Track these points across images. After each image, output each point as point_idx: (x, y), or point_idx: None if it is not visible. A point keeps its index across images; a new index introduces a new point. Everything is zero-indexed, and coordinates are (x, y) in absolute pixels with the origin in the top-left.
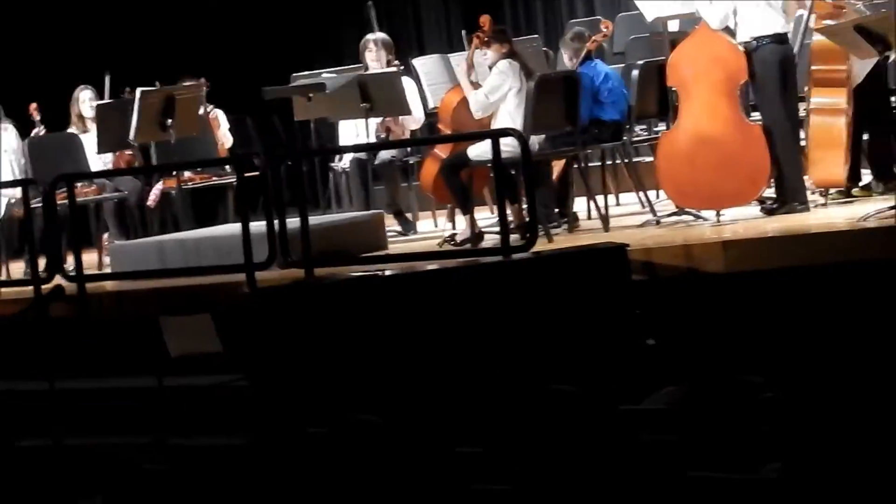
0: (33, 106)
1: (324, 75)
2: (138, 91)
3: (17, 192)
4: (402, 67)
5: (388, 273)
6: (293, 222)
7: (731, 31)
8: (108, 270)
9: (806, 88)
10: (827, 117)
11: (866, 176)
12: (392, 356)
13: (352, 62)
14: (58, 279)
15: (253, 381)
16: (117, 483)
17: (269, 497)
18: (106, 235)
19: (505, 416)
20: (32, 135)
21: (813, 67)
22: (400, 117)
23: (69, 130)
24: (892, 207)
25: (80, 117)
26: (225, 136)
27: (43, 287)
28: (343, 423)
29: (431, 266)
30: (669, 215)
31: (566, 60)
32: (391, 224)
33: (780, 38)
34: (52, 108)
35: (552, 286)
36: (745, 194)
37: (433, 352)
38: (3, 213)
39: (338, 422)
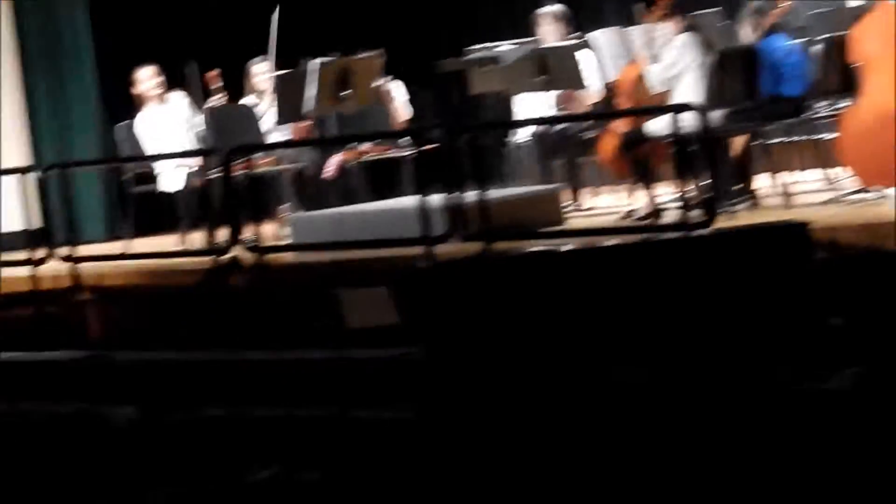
0: (212, 74)
1: (499, 48)
2: (316, 62)
3: (196, 162)
4: (581, 40)
5: (566, 248)
6: (471, 196)
7: None
8: (286, 242)
9: None
10: None
11: None
12: (569, 333)
13: (526, 35)
14: (236, 250)
15: (429, 354)
16: (294, 454)
17: (440, 471)
18: (284, 207)
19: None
20: (211, 103)
21: None
22: (577, 91)
23: (244, 100)
24: None
25: (254, 88)
26: (404, 109)
27: (222, 257)
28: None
29: (610, 242)
30: (852, 193)
31: (747, 34)
32: (567, 199)
33: None
34: (226, 77)
35: (733, 263)
36: None
37: (609, 329)
38: (184, 183)
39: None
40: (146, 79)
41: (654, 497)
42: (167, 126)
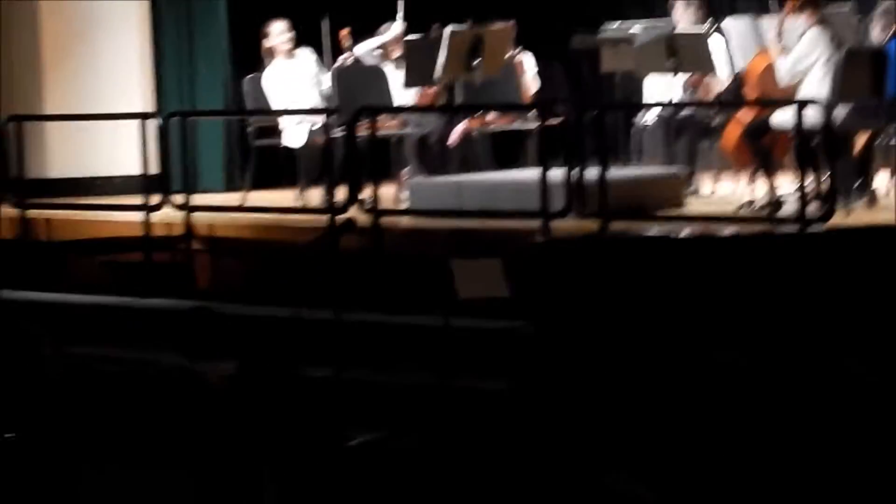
0: (344, 32)
1: (634, 28)
2: (448, 29)
3: (321, 119)
4: (714, 27)
5: (682, 235)
6: (593, 173)
7: None
8: (404, 206)
9: None
10: None
11: None
12: (677, 318)
13: (662, 13)
14: (354, 211)
15: (539, 329)
16: (395, 420)
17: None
18: (405, 171)
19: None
20: (340, 62)
21: None
22: (706, 76)
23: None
24: None
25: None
26: (533, 81)
27: (338, 217)
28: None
29: (727, 231)
30: None
31: (876, 33)
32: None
33: None
34: (357, 36)
35: (848, 260)
36: None
37: (717, 316)
38: (306, 139)
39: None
40: (278, 33)
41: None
42: (294, 81)
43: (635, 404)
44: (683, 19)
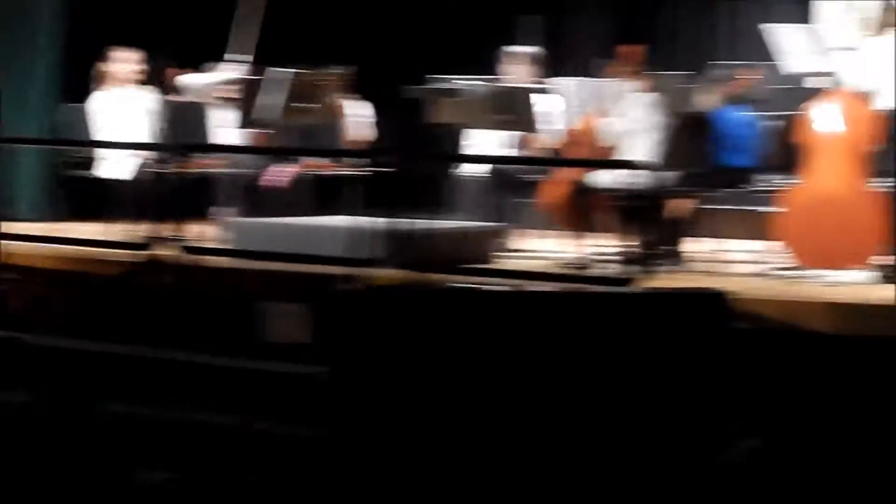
0: (174, 70)
1: (463, 81)
2: (282, 72)
3: (147, 154)
4: (543, 85)
5: (492, 288)
6: (409, 223)
7: (871, 94)
8: (219, 245)
9: None
10: None
11: None
12: (483, 373)
13: (490, 72)
14: (167, 247)
15: (338, 375)
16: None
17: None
18: (221, 210)
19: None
20: (167, 99)
21: None
22: (533, 134)
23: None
24: None
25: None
26: (367, 130)
27: (151, 252)
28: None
29: (538, 288)
30: (783, 268)
31: (707, 101)
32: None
33: None
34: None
35: (656, 323)
36: (863, 257)
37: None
38: (130, 173)
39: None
40: (123, 60)
41: None
42: (129, 113)
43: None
44: (518, 75)
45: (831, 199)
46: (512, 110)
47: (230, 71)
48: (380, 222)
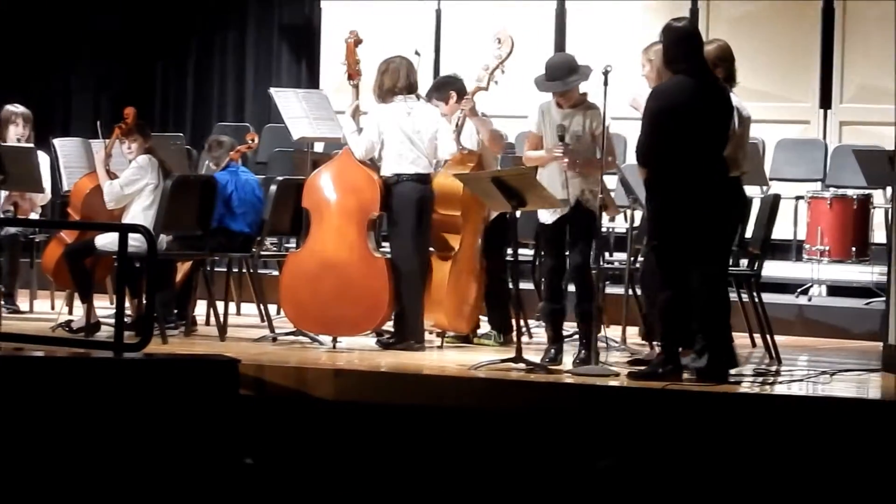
0: None
1: None
2: None
3: None
4: (33, 144)
5: None
6: None
7: (374, 163)
8: None
9: None
10: (441, 263)
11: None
12: None
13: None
14: None
15: None
16: None
17: None
18: None
19: None
20: None
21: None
22: (29, 193)
23: None
24: (504, 360)
25: None
26: None
27: None
28: None
29: (38, 352)
30: (287, 334)
31: (208, 164)
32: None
33: (422, 178)
34: None
35: (161, 390)
36: (364, 324)
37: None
38: None
39: None
40: None
41: None
42: None
43: None
44: (14, 135)
45: (334, 265)
46: (13, 169)
47: None
48: None
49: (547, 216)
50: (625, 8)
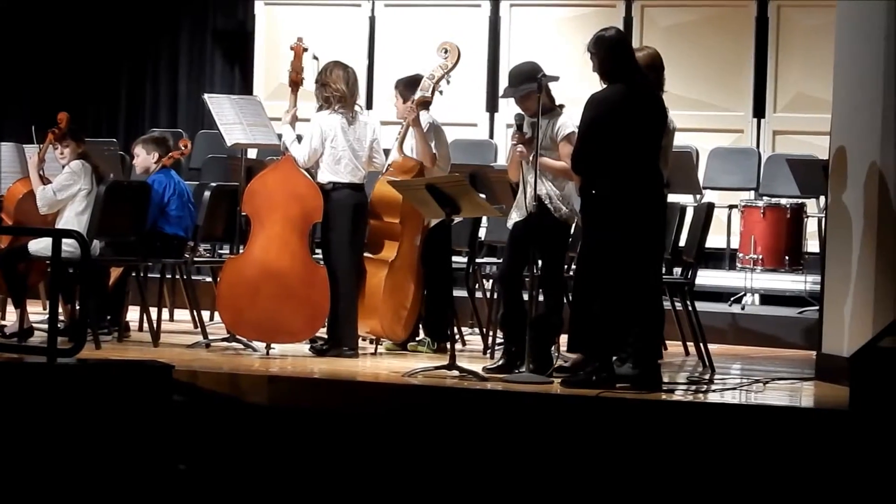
0: None
1: None
2: None
3: None
4: None
5: None
6: None
7: (311, 172)
8: None
9: None
10: (377, 269)
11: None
12: None
13: None
14: None
15: None
16: None
17: None
18: None
19: None
20: None
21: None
22: None
23: None
24: (438, 367)
25: None
26: None
27: None
28: None
29: None
30: (221, 340)
31: (141, 167)
32: None
33: (357, 186)
34: None
35: (94, 396)
36: (301, 332)
37: None
38: None
39: None
40: None
41: None
42: None
43: None
44: None
45: (274, 272)
46: None
47: None
48: None
49: (513, 217)
50: (558, 14)
